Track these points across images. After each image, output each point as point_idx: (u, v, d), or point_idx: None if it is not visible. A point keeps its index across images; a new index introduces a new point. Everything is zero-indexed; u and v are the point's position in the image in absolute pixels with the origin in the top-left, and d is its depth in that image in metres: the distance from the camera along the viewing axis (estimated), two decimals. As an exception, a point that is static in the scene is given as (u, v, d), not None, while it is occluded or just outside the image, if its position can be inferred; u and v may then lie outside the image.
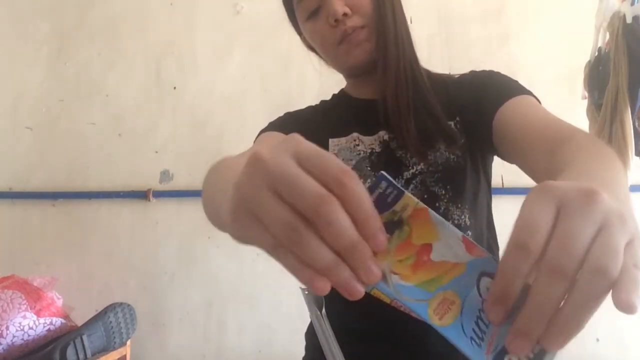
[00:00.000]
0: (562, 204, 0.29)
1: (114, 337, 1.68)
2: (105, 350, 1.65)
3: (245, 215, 0.30)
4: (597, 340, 1.88)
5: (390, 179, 0.32)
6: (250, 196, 0.30)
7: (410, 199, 0.32)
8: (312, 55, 0.89)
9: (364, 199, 0.29)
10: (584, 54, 1.67)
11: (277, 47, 2.04)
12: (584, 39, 1.67)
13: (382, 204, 0.32)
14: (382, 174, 0.32)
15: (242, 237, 0.33)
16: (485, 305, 0.31)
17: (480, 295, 0.32)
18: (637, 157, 1.47)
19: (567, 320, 0.28)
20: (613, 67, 1.43)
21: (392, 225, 0.32)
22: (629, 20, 1.39)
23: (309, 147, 0.31)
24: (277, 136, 0.76)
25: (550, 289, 0.28)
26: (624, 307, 0.28)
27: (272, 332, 1.96)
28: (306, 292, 0.55)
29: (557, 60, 1.99)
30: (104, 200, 2.04)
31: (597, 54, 1.59)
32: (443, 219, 0.33)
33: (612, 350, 1.87)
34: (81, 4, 2.17)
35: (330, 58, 0.82)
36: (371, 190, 0.32)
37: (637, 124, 1.41)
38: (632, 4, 1.40)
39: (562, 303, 0.28)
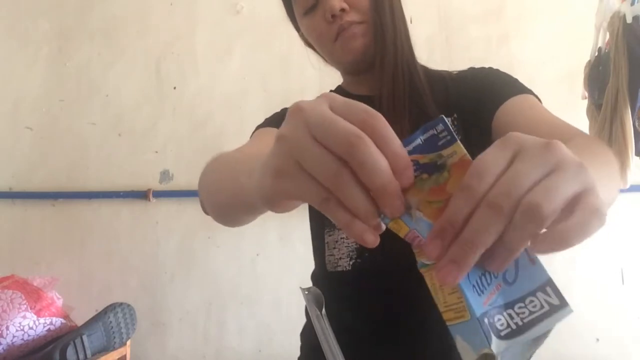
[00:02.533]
0: (520, 150, 0.30)
1: (114, 337, 1.68)
2: (105, 350, 1.65)
3: (291, 166, 0.32)
4: (597, 340, 1.88)
5: (449, 124, 0.33)
6: (295, 144, 0.31)
7: (460, 148, 0.33)
8: (311, 52, 0.89)
9: (390, 136, 0.31)
10: (584, 54, 1.67)
11: (277, 47, 2.04)
12: (584, 39, 1.67)
13: (431, 144, 0.33)
14: (442, 117, 0.33)
15: (286, 192, 0.33)
16: (425, 240, 0.32)
17: None
18: (637, 157, 1.47)
19: (501, 251, 0.30)
20: (613, 67, 1.43)
21: (434, 167, 0.33)
22: (629, 20, 1.39)
23: (341, 98, 0.33)
24: (273, 132, 0.76)
25: (483, 222, 0.28)
26: (532, 252, 0.29)
27: (272, 332, 1.96)
28: (306, 292, 0.55)
29: (557, 60, 1.99)
30: (104, 200, 2.04)
31: (597, 54, 1.59)
32: None
33: (612, 350, 1.87)
34: (81, 4, 2.17)
35: (326, 54, 0.81)
36: (426, 129, 0.33)
37: (637, 124, 1.41)
38: (632, 3, 1.40)
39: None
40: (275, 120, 0.81)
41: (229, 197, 0.51)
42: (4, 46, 2.16)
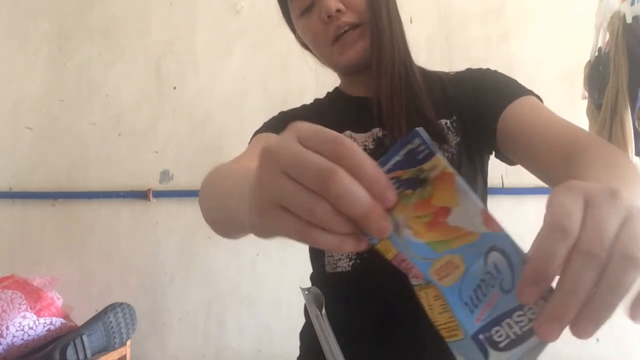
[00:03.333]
0: (589, 198, 0.30)
1: (114, 337, 1.68)
2: (105, 350, 1.65)
3: (270, 207, 0.32)
4: (597, 340, 1.88)
5: (426, 137, 0.32)
6: (270, 186, 0.31)
7: (440, 161, 0.32)
8: (307, 53, 0.89)
9: (364, 161, 0.30)
10: (584, 54, 1.67)
11: (277, 47, 2.04)
12: (584, 39, 1.67)
13: (411, 159, 0.32)
14: (417, 130, 0.32)
15: (271, 230, 0.34)
16: (517, 287, 0.31)
17: (486, 266, 0.33)
18: (637, 157, 1.47)
19: (599, 306, 0.29)
20: (613, 67, 1.43)
21: (416, 182, 0.33)
22: (629, 20, 1.39)
23: (309, 127, 0.32)
24: (271, 137, 0.76)
25: (583, 273, 0.28)
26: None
27: (272, 332, 1.96)
28: (306, 292, 0.55)
29: (557, 60, 1.99)
30: (104, 200, 2.04)
31: (597, 54, 1.59)
32: (468, 188, 0.33)
33: (612, 350, 1.87)
34: (81, 4, 2.17)
35: (322, 56, 0.81)
36: (403, 144, 0.32)
37: (637, 124, 1.41)
38: (632, 3, 1.39)
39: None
40: (273, 124, 0.81)
41: (223, 219, 0.52)
42: (4, 46, 2.16)
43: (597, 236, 0.28)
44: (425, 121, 0.73)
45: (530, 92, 0.71)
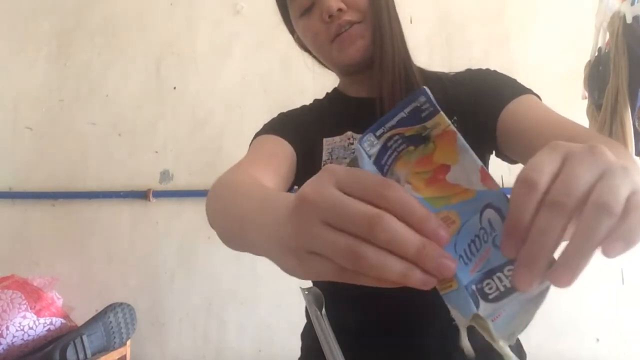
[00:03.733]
0: (568, 154, 0.31)
1: (114, 337, 1.68)
2: (105, 350, 1.65)
3: (308, 255, 0.31)
4: (597, 340, 1.88)
5: (430, 95, 0.33)
6: (307, 236, 0.30)
7: (443, 119, 0.34)
8: (306, 55, 0.89)
9: (412, 204, 0.30)
10: (584, 54, 1.67)
11: (277, 47, 2.03)
12: (584, 39, 1.67)
13: (415, 116, 0.34)
14: (423, 88, 0.33)
15: (309, 275, 0.33)
16: (499, 240, 0.32)
17: (481, 222, 0.34)
18: (637, 157, 1.47)
19: (573, 254, 0.30)
20: (613, 67, 1.43)
21: (419, 139, 0.34)
22: (629, 20, 1.39)
23: (346, 172, 0.31)
24: (272, 139, 0.76)
25: (549, 222, 0.29)
26: (607, 253, 0.30)
27: (272, 332, 1.96)
28: (306, 292, 0.55)
29: (557, 61, 1.99)
30: (104, 200, 2.04)
31: (597, 54, 1.59)
32: (468, 146, 0.34)
33: (612, 350, 1.87)
34: (81, 4, 2.17)
35: (322, 55, 0.81)
36: (408, 102, 0.34)
37: (637, 124, 1.40)
38: (632, 3, 1.39)
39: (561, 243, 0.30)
40: (273, 126, 0.81)
41: (238, 243, 0.50)
42: (4, 46, 2.16)
43: (565, 187, 0.29)
44: None
45: (529, 91, 0.71)
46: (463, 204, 0.34)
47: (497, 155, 0.76)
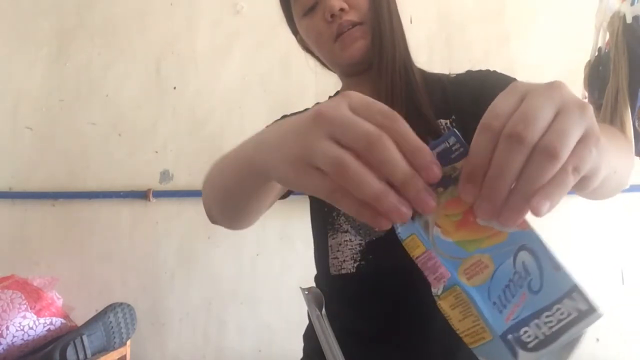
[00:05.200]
0: (527, 92, 0.32)
1: (114, 337, 1.68)
2: (105, 350, 1.65)
3: (306, 166, 0.33)
4: (597, 340, 1.88)
5: (460, 136, 0.34)
6: (309, 149, 0.32)
7: None
8: (309, 56, 0.89)
9: (411, 134, 0.32)
10: (584, 54, 1.66)
11: (277, 47, 2.03)
12: (584, 39, 1.67)
13: (445, 157, 0.34)
14: (453, 130, 0.34)
15: (303, 187, 0.35)
16: (459, 187, 0.32)
17: (514, 266, 0.33)
18: (637, 157, 1.47)
19: (517, 195, 0.30)
20: (613, 67, 1.43)
21: (449, 180, 0.34)
22: (629, 20, 1.39)
23: (360, 97, 0.34)
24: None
25: (506, 155, 0.30)
26: (534, 209, 0.30)
27: (272, 332, 1.96)
28: (306, 292, 0.55)
29: (557, 60, 1.99)
30: (104, 200, 2.04)
31: (597, 54, 1.59)
32: None
33: (612, 350, 1.87)
34: (81, 4, 2.17)
35: (324, 54, 0.81)
36: (439, 143, 0.34)
37: (637, 124, 1.40)
38: (632, 3, 1.39)
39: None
40: None
41: (236, 176, 0.50)
42: (4, 46, 2.16)
43: (521, 119, 0.30)
44: (423, 121, 0.73)
45: None
46: (495, 247, 0.33)
47: None
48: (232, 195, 0.54)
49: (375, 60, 0.76)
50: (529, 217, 0.33)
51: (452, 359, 0.68)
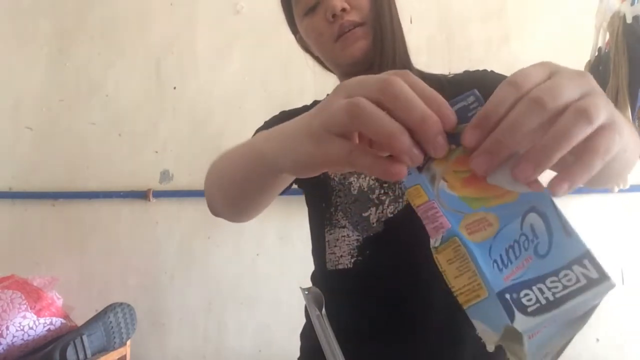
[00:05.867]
0: (557, 70, 0.32)
1: (114, 337, 1.68)
2: (105, 350, 1.65)
3: (325, 137, 0.34)
4: (597, 340, 1.88)
5: (480, 97, 0.33)
6: (328, 112, 0.34)
7: None
8: (308, 56, 0.90)
9: (423, 84, 0.32)
10: (584, 54, 1.67)
11: (277, 47, 2.03)
12: (584, 39, 1.67)
13: (462, 115, 0.32)
14: (474, 90, 0.33)
15: (322, 156, 0.35)
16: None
17: (522, 228, 0.31)
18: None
19: (541, 149, 0.29)
20: (613, 67, 1.43)
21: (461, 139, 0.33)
22: (629, 20, 1.39)
23: (376, 77, 0.34)
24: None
25: (524, 115, 0.29)
26: (553, 187, 0.30)
27: (272, 332, 1.96)
28: (306, 292, 0.55)
29: (557, 60, 1.97)
30: (104, 200, 2.04)
31: (597, 54, 1.59)
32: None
33: (612, 350, 1.87)
34: (81, 4, 2.17)
35: (325, 54, 0.82)
36: (458, 101, 0.33)
37: (637, 124, 1.41)
38: (632, 3, 1.39)
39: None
40: (275, 122, 0.81)
41: (243, 170, 0.51)
42: (4, 46, 2.16)
43: (550, 89, 0.29)
44: None
45: None
46: (503, 207, 0.32)
47: None
48: (239, 187, 0.55)
49: (376, 60, 0.76)
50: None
51: (449, 354, 0.68)
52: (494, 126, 0.30)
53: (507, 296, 0.29)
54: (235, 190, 0.56)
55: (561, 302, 0.28)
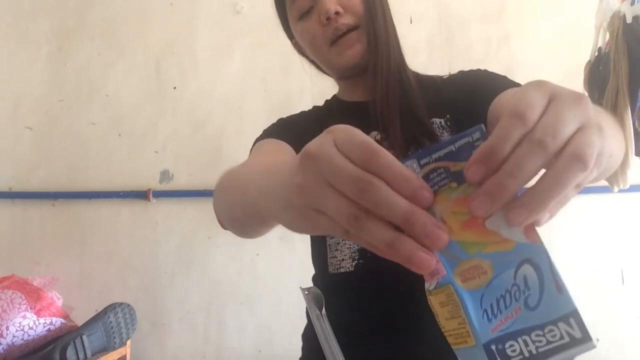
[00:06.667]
0: (555, 95, 0.31)
1: (114, 337, 1.68)
2: (105, 350, 1.65)
3: (313, 214, 0.32)
4: (597, 340, 1.88)
5: (485, 133, 0.32)
6: (312, 196, 0.32)
7: None
8: (304, 59, 0.90)
9: (393, 164, 0.30)
10: (584, 54, 1.67)
11: (277, 47, 2.03)
12: (584, 39, 1.67)
13: (465, 152, 0.32)
14: (480, 125, 0.33)
15: (314, 231, 0.35)
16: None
17: (515, 278, 0.32)
18: (637, 157, 1.47)
19: (536, 195, 0.29)
20: (613, 67, 1.43)
21: (463, 177, 0.32)
22: (629, 20, 1.39)
23: (343, 132, 0.32)
24: (273, 142, 0.77)
25: (528, 158, 0.29)
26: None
27: (272, 332, 1.96)
28: (306, 292, 0.55)
29: (557, 61, 1.99)
30: (104, 200, 2.04)
31: (597, 54, 1.59)
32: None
33: (612, 351, 1.87)
34: (81, 4, 2.17)
35: (320, 58, 0.82)
36: (461, 136, 0.33)
37: (637, 124, 1.41)
38: (632, 3, 1.39)
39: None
40: (274, 131, 0.81)
41: (242, 213, 0.52)
42: (4, 46, 2.16)
43: (551, 128, 0.29)
44: (417, 122, 0.74)
45: (518, 85, 0.71)
46: (498, 255, 0.32)
47: None
48: (240, 222, 0.57)
49: (370, 62, 0.76)
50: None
51: (449, 357, 0.68)
52: (498, 163, 0.30)
53: (493, 347, 0.30)
54: (237, 223, 0.58)
55: (543, 356, 0.29)
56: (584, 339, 0.29)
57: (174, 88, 2.12)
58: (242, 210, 0.51)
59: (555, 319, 0.30)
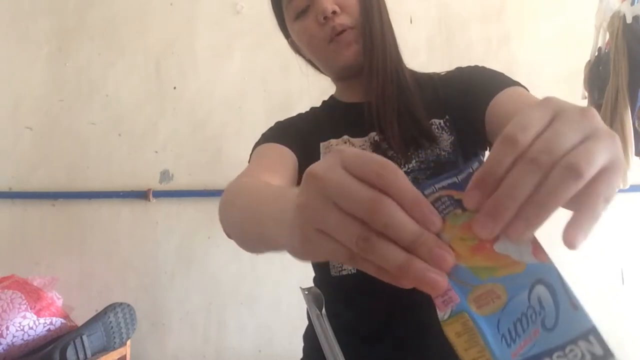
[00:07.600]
0: (559, 112, 0.31)
1: (114, 337, 1.68)
2: (105, 350, 1.65)
3: (315, 236, 0.32)
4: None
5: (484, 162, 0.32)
6: (315, 216, 0.31)
7: None
8: (301, 59, 0.90)
9: (405, 186, 0.30)
10: (584, 54, 1.67)
11: (277, 47, 2.02)
12: (584, 39, 1.67)
13: (467, 182, 0.32)
14: (480, 158, 0.33)
15: (317, 255, 0.34)
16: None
17: (529, 300, 0.31)
18: (637, 157, 1.47)
19: (532, 208, 0.29)
20: (613, 67, 1.43)
21: None
22: (629, 20, 1.39)
23: (352, 153, 0.32)
24: (273, 147, 0.77)
25: (522, 177, 0.29)
26: (568, 242, 0.30)
27: (272, 332, 1.96)
28: (306, 292, 0.55)
29: (557, 61, 1.99)
30: (104, 200, 2.04)
31: (597, 54, 1.59)
32: None
33: (612, 350, 1.87)
34: (81, 4, 2.17)
35: (317, 57, 0.82)
36: (463, 169, 0.33)
37: (637, 124, 1.41)
38: (632, 3, 1.40)
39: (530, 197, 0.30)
40: (272, 135, 0.81)
41: (255, 240, 0.52)
42: (4, 46, 2.16)
43: (547, 145, 0.29)
44: (416, 122, 0.74)
45: (517, 83, 0.71)
46: (510, 278, 0.32)
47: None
48: (247, 243, 0.56)
49: (366, 62, 0.77)
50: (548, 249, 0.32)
51: (451, 358, 0.68)
52: (493, 186, 0.30)
53: None
54: (249, 245, 0.57)
55: None
56: (605, 356, 0.29)
57: (174, 88, 2.12)
58: (256, 239, 0.51)
59: (575, 338, 0.30)
